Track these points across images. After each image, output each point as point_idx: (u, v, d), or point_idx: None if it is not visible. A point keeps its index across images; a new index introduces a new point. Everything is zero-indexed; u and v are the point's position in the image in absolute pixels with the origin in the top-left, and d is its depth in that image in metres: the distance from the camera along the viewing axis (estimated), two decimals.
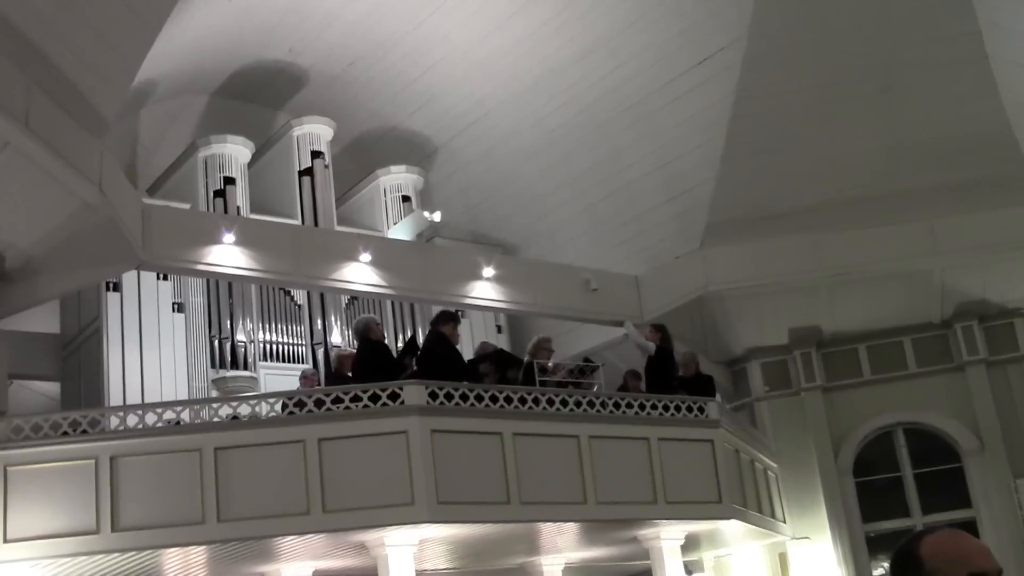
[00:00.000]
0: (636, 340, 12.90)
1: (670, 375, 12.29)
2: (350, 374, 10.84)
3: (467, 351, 12.70)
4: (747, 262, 14.41)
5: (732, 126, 13.83)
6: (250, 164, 15.94)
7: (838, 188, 14.31)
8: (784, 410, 14.74)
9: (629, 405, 11.18)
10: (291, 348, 15.49)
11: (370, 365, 10.26)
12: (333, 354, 12.84)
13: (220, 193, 15.20)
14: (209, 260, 11.96)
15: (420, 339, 11.90)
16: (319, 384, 11.76)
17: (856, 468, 14.60)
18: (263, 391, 14.16)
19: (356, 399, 9.72)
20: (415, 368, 10.59)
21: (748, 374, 15.05)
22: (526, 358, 11.40)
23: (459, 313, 15.82)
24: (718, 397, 13.10)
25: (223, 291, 14.98)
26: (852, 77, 13.62)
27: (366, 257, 12.92)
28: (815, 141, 14.04)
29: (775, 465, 14.17)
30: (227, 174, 15.34)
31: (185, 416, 9.81)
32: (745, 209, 14.44)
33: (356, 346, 10.91)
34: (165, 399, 13.00)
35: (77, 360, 14.50)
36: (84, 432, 9.43)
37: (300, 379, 12.30)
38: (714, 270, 14.52)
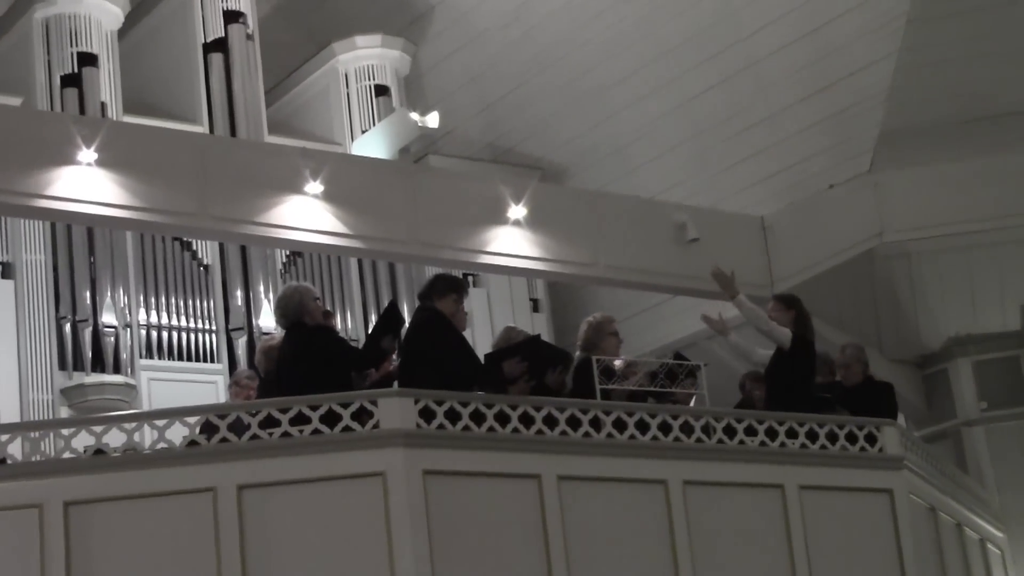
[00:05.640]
0: (737, 346, 12.27)
1: (809, 382, 12.14)
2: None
3: (482, 342, 12.67)
4: (948, 195, 14.45)
5: None
6: (122, 33, 16.02)
7: None
8: (1015, 442, 14.78)
9: (750, 431, 11.13)
10: (193, 337, 15.65)
11: (306, 365, 10.13)
12: (258, 346, 12.83)
13: (72, 80, 15.32)
14: (55, 191, 12.02)
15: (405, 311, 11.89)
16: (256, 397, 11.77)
17: None
18: (146, 407, 14.25)
19: (301, 420, 9.69)
20: (394, 367, 10.60)
21: (952, 381, 15.10)
22: (578, 353, 11.38)
23: (468, 280, 15.87)
24: (901, 419, 13.11)
25: (79, 243, 15.09)
26: None
27: (316, 187, 13.00)
28: None
29: (1000, 534, 14.18)
30: (84, 48, 15.44)
31: (15, 450, 9.79)
32: (944, 108, 14.48)
33: (283, 338, 10.80)
34: None
35: None
36: None
37: (229, 388, 12.31)
38: (893, 208, 14.59)
